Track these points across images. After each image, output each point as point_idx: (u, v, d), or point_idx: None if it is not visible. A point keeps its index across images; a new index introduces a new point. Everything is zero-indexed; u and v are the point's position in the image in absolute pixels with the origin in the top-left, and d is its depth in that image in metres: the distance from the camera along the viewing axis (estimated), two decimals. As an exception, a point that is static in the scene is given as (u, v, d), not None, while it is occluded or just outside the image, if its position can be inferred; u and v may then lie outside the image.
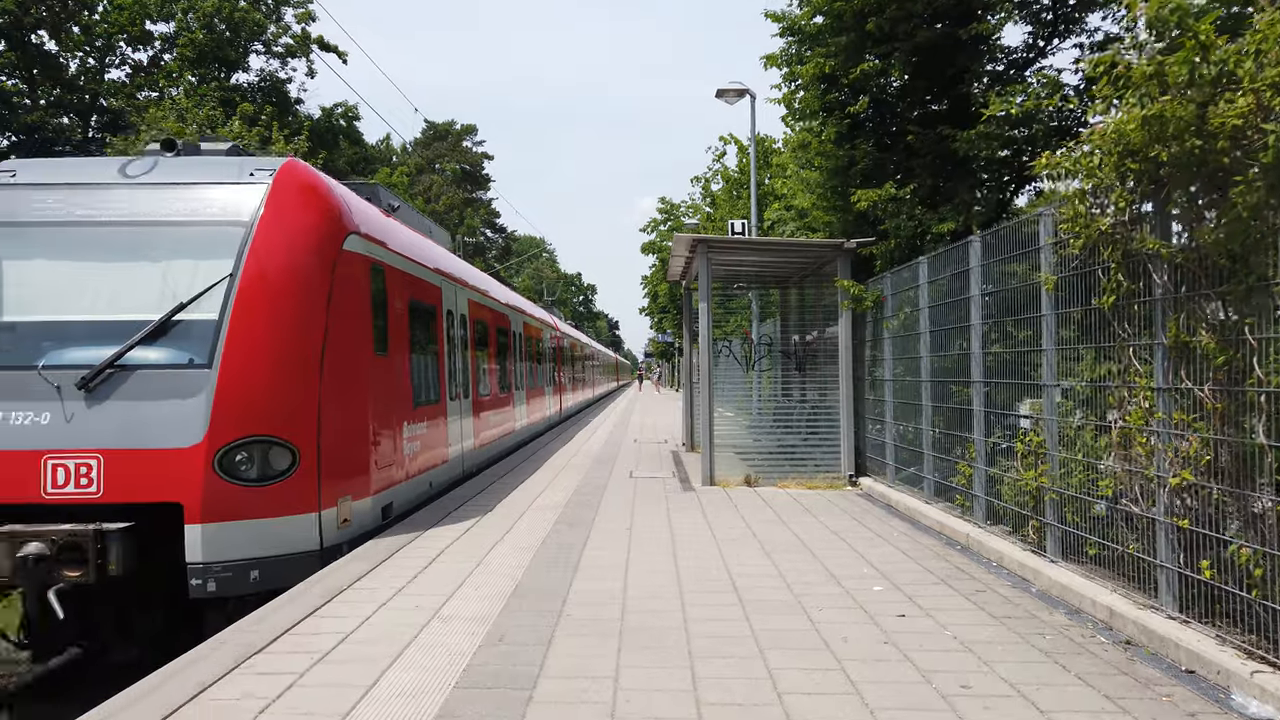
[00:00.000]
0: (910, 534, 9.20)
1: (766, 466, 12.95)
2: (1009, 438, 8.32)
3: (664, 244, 39.70)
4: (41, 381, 6.98)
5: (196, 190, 7.77)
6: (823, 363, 13.39)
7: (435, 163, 58.43)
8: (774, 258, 13.79)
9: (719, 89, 18.90)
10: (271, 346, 7.46)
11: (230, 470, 7.02)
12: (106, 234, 7.62)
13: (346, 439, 8.13)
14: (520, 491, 12.15)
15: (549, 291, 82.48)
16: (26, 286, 7.53)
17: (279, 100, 36.56)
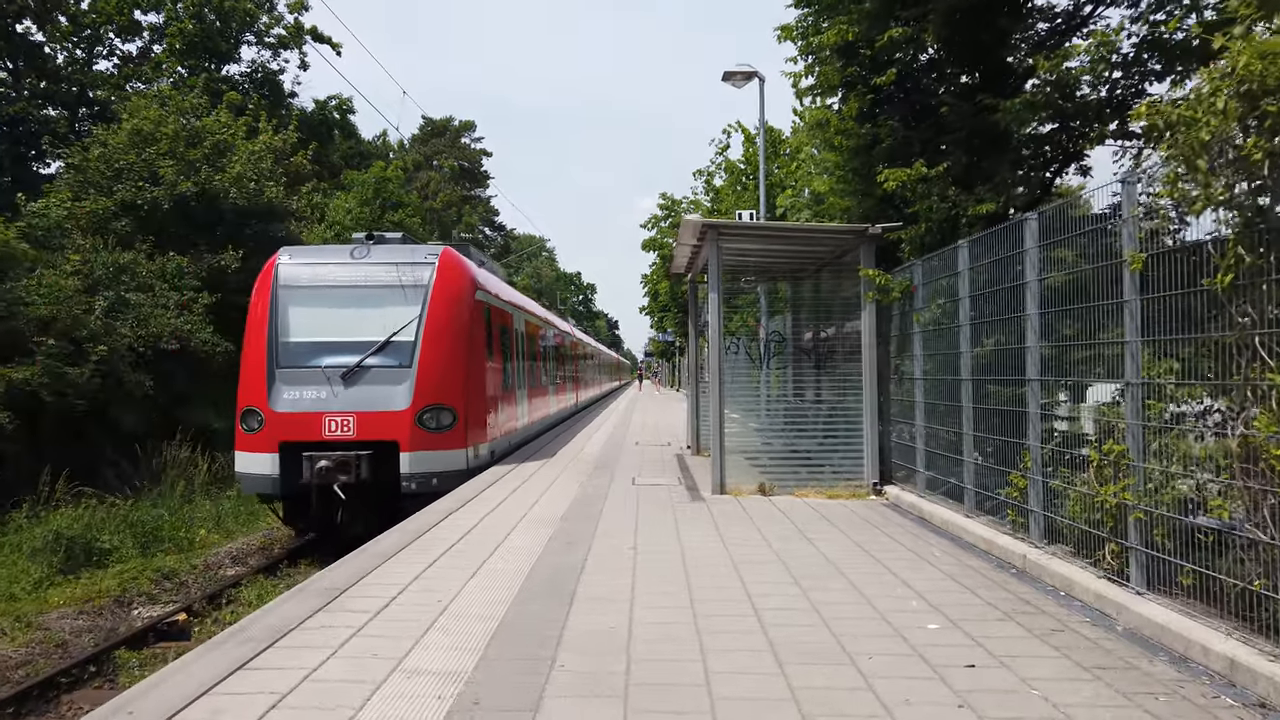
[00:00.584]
0: (953, 553, 7.99)
1: (782, 473, 11.74)
2: (1073, 444, 7.13)
3: (665, 240, 38.51)
4: (322, 375, 12.20)
5: (396, 267, 12.91)
6: (841, 360, 12.18)
7: (433, 159, 57.19)
8: (790, 245, 12.58)
9: (726, 71, 17.71)
10: (442, 356, 12.62)
11: (423, 423, 12.19)
12: (349, 291, 12.81)
13: (477, 410, 13.47)
14: (513, 500, 10.96)
15: (547, 291, 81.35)
16: (308, 321, 12.65)
17: (272, 93, 35.38)
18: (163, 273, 21.86)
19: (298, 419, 12.05)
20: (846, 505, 10.65)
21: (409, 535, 8.80)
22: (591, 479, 13.01)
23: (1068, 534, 7.12)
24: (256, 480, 12.60)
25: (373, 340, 12.38)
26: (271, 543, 15.20)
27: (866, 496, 11.17)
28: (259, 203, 23.54)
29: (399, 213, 32.90)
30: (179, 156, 22.89)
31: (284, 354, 12.47)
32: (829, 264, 13.18)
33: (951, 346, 9.34)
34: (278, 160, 25.09)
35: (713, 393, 11.44)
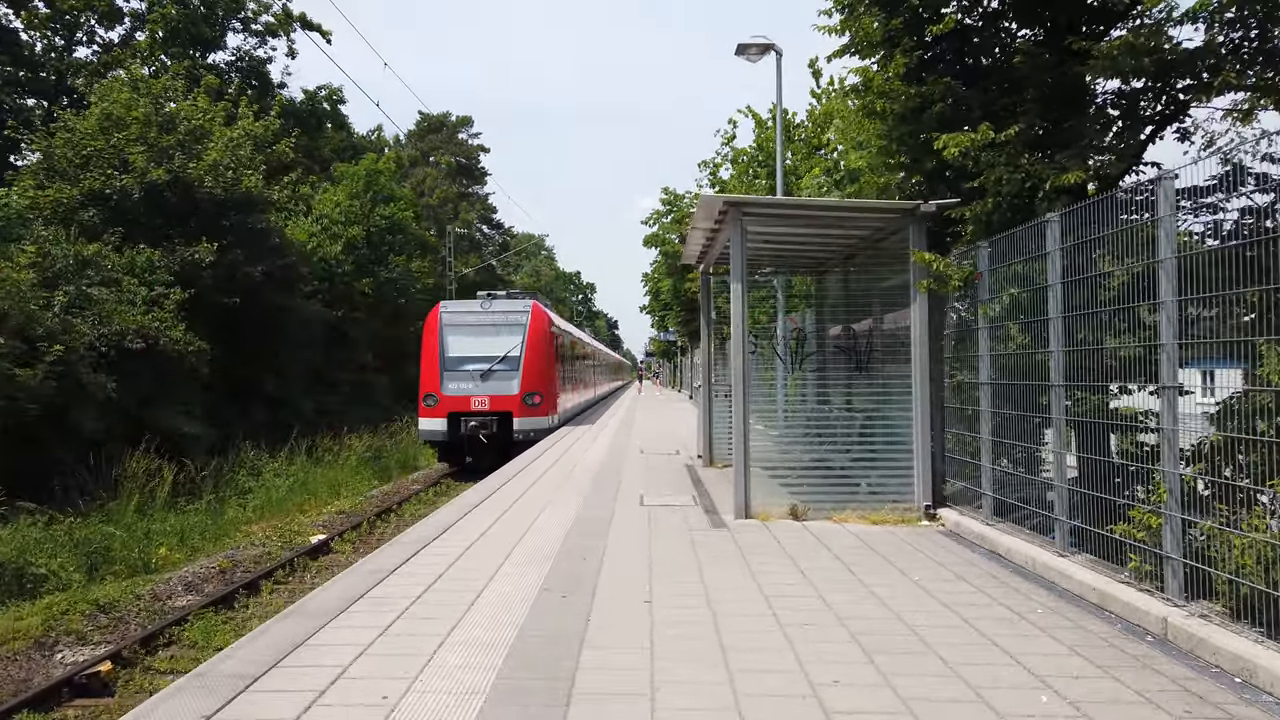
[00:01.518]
0: (1056, 608, 6.14)
1: (814, 492, 9.88)
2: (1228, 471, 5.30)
3: (668, 236, 36.61)
4: (470, 374, 20.78)
5: (506, 313, 21.45)
6: (882, 361, 10.32)
7: (429, 155, 55.25)
8: (824, 227, 10.68)
9: (740, 44, 15.87)
10: (534, 364, 20.85)
11: (525, 402, 20.57)
12: (481, 327, 21.21)
13: (552, 395, 21.57)
14: (502, 527, 9.13)
15: (546, 290, 79.60)
16: (461, 344, 20.95)
17: (259, 82, 33.51)
18: (131, 266, 20.01)
19: (458, 399, 21.04)
20: (895, 533, 8.81)
21: (364, 580, 6.95)
22: (593, 497, 11.16)
23: (1226, 591, 5.29)
24: (434, 434, 21.66)
25: (497, 355, 21.39)
26: (235, 564, 13.36)
27: (917, 522, 9.32)
28: (236, 192, 21.69)
29: (390, 207, 31.04)
30: (151, 143, 21.03)
31: (449, 363, 21.49)
32: (863, 250, 11.34)
33: (1034, 344, 7.51)
34: (258, 148, 23.23)
35: (736, 399, 9.59)
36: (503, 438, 20.46)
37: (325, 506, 18.52)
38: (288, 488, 19.27)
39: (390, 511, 17.39)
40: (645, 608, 6.06)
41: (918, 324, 9.47)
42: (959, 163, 8.72)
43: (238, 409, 24.09)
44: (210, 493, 17.40)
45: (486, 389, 20.89)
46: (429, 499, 19.24)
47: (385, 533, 15.79)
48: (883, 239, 10.39)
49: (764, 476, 10.59)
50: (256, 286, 22.59)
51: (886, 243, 10.44)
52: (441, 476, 22.60)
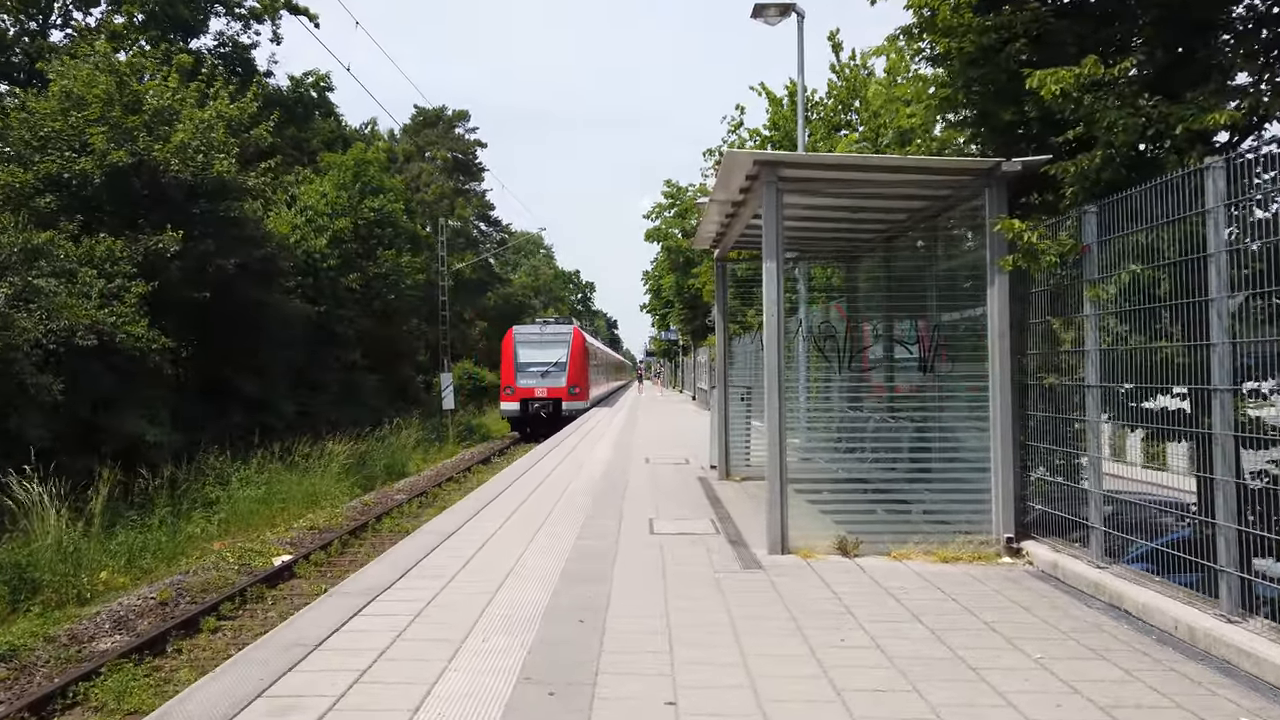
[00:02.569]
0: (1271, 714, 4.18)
1: (866, 521, 7.89)
2: None
3: (670, 230, 34.68)
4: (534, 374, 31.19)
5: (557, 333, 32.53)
6: (950, 359, 8.31)
7: (425, 150, 53.14)
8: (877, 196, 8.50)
9: (758, 5, 13.89)
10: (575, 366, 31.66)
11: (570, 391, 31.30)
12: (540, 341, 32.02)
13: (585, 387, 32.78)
14: (479, 564, 7.16)
15: (545, 289, 77.68)
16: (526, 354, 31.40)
17: (244, 69, 31.50)
18: (90, 257, 18.01)
19: (526, 390, 29.68)
20: (976, 576, 6.84)
21: (273, 663, 4.96)
22: (593, 522, 9.17)
23: None
24: (511, 413, 30.76)
25: (551, 361, 30.25)
26: (179, 593, 11.39)
27: (996, 559, 7.34)
28: (207, 177, 19.68)
29: (379, 198, 29.02)
30: (114, 123, 19.02)
31: (520, 366, 30.34)
32: (915, 227, 9.37)
33: (1185, 335, 5.54)
34: (234, 132, 21.22)
35: (770, 403, 7.58)
36: (555, 416, 30.41)
37: (298, 520, 16.55)
38: (259, 498, 17.27)
39: (366, 528, 15.40)
40: (668, 710, 4.09)
41: (995, 312, 7.49)
42: (1057, 106, 6.75)
43: (213, 412, 22.09)
44: (166, 505, 15.40)
45: (544, 383, 31.11)
46: (411, 511, 17.27)
47: (359, 552, 13.81)
48: (948, 209, 8.41)
49: (797, 498, 8.60)
50: (230, 280, 20.58)
51: (948, 215, 8.48)
52: (429, 485, 20.63)
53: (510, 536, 8.35)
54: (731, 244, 11.59)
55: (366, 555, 13.43)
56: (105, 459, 16.75)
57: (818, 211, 9.48)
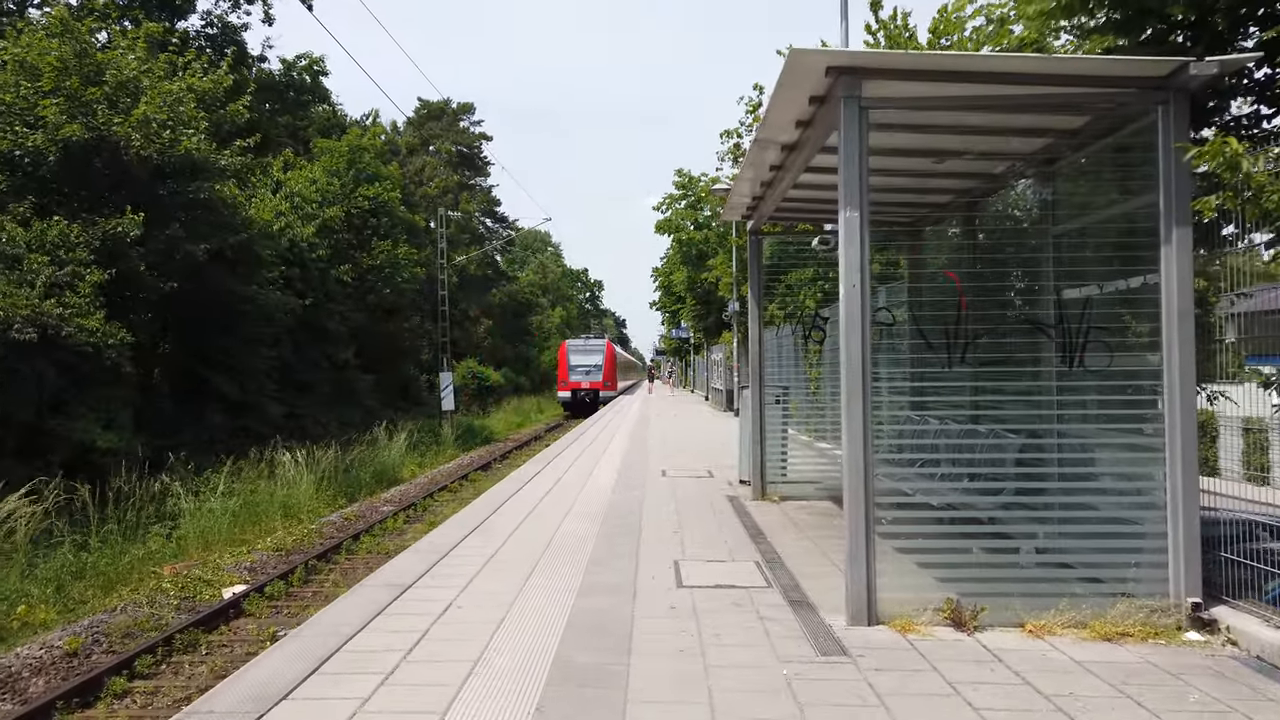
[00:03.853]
0: None
1: (984, 577, 5.52)
2: None
3: (682, 222, 32.33)
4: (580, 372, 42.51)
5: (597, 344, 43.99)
6: (1090, 350, 5.91)
7: (429, 143, 50.86)
8: (992, 123, 6.09)
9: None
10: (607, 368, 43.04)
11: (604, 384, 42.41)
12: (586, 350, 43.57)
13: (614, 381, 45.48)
14: (436, 644, 4.88)
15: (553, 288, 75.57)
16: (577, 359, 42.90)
17: (235, 52, 29.30)
18: (41, 241, 15.82)
19: (576, 383, 41.38)
20: (1159, 663, 4.52)
21: None
22: (601, 565, 6.86)
23: None
24: (565, 399, 42.25)
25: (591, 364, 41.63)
26: (95, 640, 9.15)
27: (1178, 635, 5.01)
28: (174, 155, 17.46)
29: (375, 187, 26.79)
30: (70, 94, 16.82)
31: (571, 367, 41.71)
32: (1030, 172, 7.02)
33: None
34: (207, 108, 19.01)
35: (851, 413, 5.23)
36: (594, 400, 41.18)
37: (267, 536, 14.31)
38: (229, 512, 15.02)
39: (340, 549, 13.13)
40: None
41: (1174, 283, 5.14)
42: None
43: (188, 415, 19.89)
44: (113, 522, 13.17)
45: (587, 379, 42.11)
46: (396, 527, 14.99)
47: (326, 580, 11.54)
48: (1078, 145, 6.07)
49: (883, 542, 6.27)
50: (202, 268, 18.38)
51: (1084, 151, 6.14)
52: (420, 494, 18.38)
53: (490, 590, 6.06)
54: (771, 211, 9.27)
55: (334, 585, 11.18)
56: (53, 468, 14.63)
57: (895, 162, 7.15)
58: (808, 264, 15.96)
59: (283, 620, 9.95)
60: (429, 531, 8.97)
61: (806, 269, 15.87)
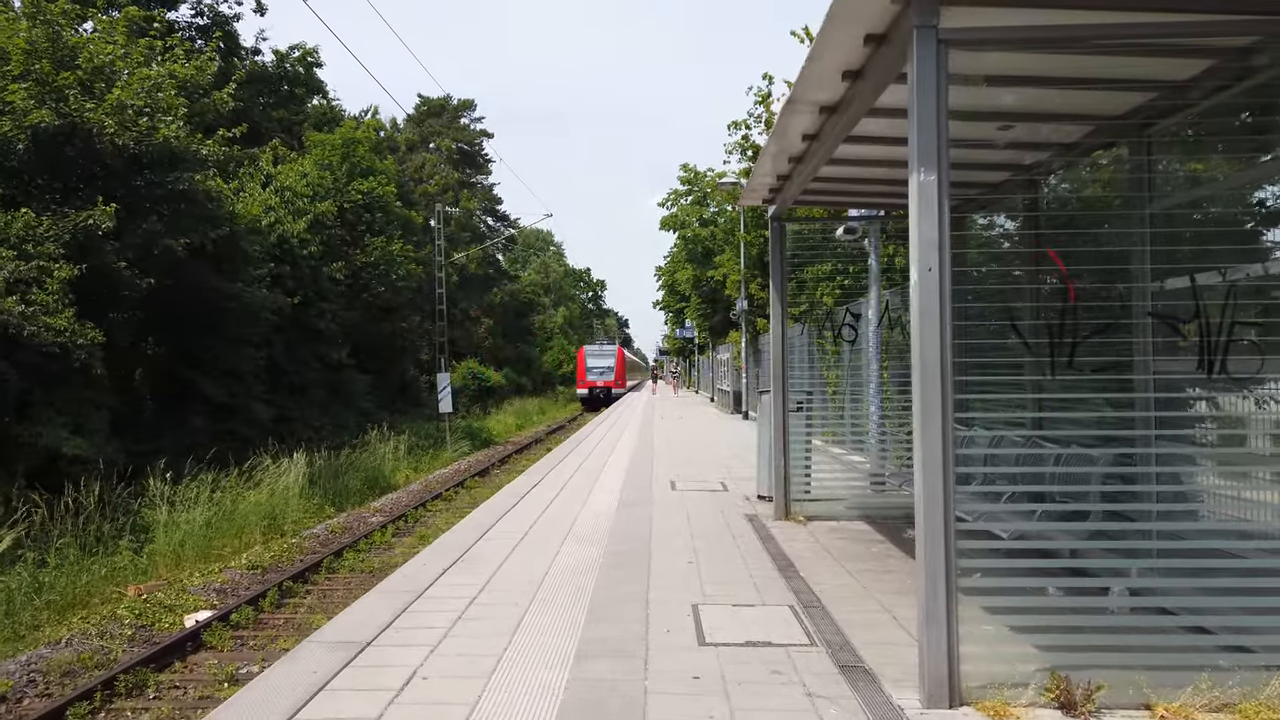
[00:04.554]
0: None
1: (1097, 645, 4.29)
2: None
3: (688, 219, 31.08)
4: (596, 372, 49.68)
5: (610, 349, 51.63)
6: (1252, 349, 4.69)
7: (429, 140, 49.59)
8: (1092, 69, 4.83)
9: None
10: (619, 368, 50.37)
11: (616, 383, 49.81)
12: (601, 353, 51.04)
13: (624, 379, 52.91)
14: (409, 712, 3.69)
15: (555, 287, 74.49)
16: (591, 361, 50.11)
17: (227, 43, 28.12)
18: (5, 234, 14.62)
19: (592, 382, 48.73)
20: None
21: None
22: (602, 610, 5.64)
23: None
24: (583, 396, 49.37)
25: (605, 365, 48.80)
26: (34, 678, 7.98)
27: (1359, 723, 3.80)
28: (152, 143, 16.27)
29: (369, 181, 25.57)
30: (40, 79, 15.63)
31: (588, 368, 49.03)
32: (1118, 139, 5.80)
33: None
34: (189, 96, 17.83)
35: (928, 429, 4.00)
36: (608, 396, 47.37)
37: (245, 551, 13.14)
38: (206, 523, 13.82)
39: (320, 566, 11.93)
40: None
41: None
42: None
43: (170, 418, 18.70)
44: (78, 536, 11.98)
45: (601, 378, 48.26)
46: (383, 541, 13.79)
47: (301, 605, 10.34)
48: (1208, 94, 4.84)
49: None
50: (182, 264, 17.19)
51: (1206, 104, 4.92)
52: (414, 503, 17.19)
53: (465, 652, 4.84)
54: (797, 193, 8.05)
55: (309, 611, 10.00)
56: (17, 478, 13.51)
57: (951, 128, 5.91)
58: (824, 259, 14.73)
59: (247, 655, 8.76)
60: (407, 560, 7.75)
61: (824, 264, 14.66)
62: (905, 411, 10.50)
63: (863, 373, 10.66)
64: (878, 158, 7.03)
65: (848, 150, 6.60)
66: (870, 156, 7.04)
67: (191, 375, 19.13)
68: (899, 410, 10.54)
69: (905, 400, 10.58)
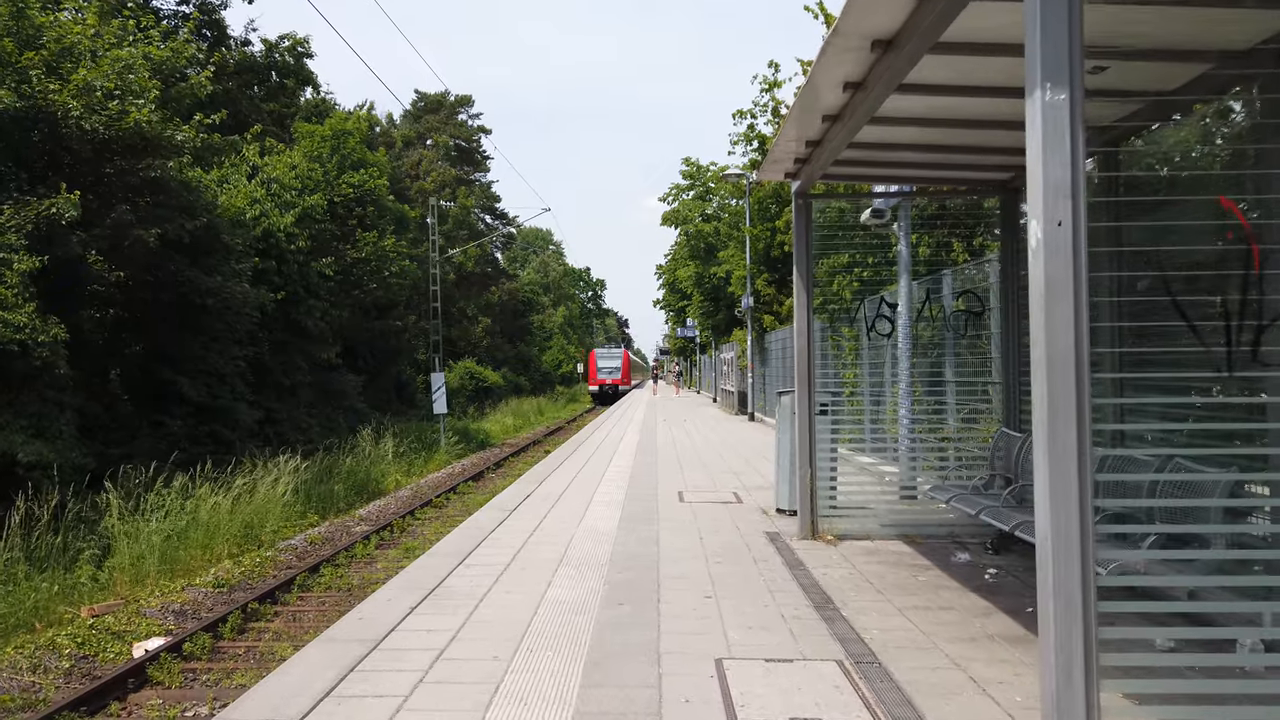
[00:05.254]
0: None
1: None
2: None
3: (690, 215, 29.89)
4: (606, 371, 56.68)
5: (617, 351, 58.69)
6: None
7: (426, 136, 48.35)
8: None
9: None
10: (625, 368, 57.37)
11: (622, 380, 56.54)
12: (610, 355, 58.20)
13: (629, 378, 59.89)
14: None
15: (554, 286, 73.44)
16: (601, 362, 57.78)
17: (215, 33, 26.96)
18: (-40, 225, 13.45)
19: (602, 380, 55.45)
20: None
21: None
22: (603, 678, 4.47)
23: None
24: (594, 392, 55.95)
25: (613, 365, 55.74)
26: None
27: None
28: (122, 128, 15.07)
29: (360, 174, 24.39)
30: (1, 59, 14.45)
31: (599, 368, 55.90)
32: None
33: None
34: (165, 80, 16.64)
35: (1058, 444, 2.87)
36: (615, 392, 52.79)
37: (214, 566, 11.95)
38: (177, 534, 12.64)
39: (292, 584, 10.74)
40: None
41: None
42: None
43: (146, 422, 17.51)
44: (20, 551, 10.80)
45: (610, 377, 53.87)
46: (365, 553, 12.60)
47: (266, 631, 9.15)
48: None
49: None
50: (157, 257, 16.02)
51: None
52: (402, 510, 16.00)
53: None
54: (829, 163, 6.85)
55: (273, 638, 8.81)
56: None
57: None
58: (840, 249, 13.54)
59: (197, 693, 7.56)
60: (389, 577, 6.57)
61: (839, 255, 13.47)
62: (935, 415, 9.34)
63: (884, 371, 9.51)
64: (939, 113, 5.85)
65: (901, 102, 5.43)
66: (928, 113, 5.87)
67: (170, 375, 17.94)
68: (929, 413, 9.39)
69: (936, 402, 9.44)
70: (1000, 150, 6.77)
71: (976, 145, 6.69)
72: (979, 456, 8.08)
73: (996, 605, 5.49)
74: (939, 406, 9.23)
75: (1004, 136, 6.29)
